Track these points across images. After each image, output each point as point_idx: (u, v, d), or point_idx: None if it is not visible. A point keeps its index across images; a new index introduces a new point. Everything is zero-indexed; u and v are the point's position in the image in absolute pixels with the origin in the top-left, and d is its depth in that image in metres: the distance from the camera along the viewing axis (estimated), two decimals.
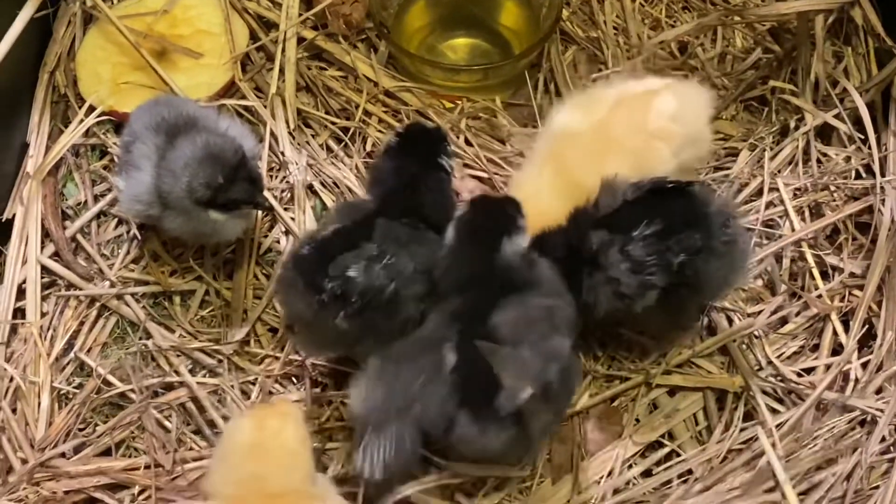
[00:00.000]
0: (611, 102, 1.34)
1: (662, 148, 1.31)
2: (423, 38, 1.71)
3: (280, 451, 1.12)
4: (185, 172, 1.27)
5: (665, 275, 1.21)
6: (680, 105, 1.33)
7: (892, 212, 1.45)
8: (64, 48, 1.63)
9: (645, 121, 1.31)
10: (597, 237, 1.22)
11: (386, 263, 1.19)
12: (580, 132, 1.33)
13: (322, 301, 1.18)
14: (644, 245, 1.20)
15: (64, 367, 1.40)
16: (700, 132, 1.36)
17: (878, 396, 1.35)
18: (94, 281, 1.45)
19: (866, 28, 1.63)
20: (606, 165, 1.28)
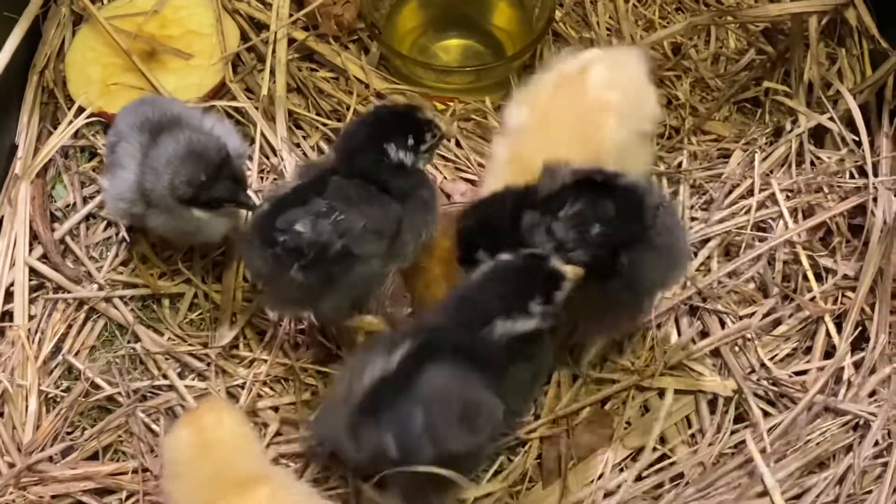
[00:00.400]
0: (550, 86, 1.33)
1: (605, 117, 1.29)
2: (414, 40, 1.70)
3: (226, 441, 1.12)
4: (167, 170, 1.27)
5: (587, 250, 1.18)
6: (612, 71, 1.32)
7: (885, 213, 1.45)
8: (53, 49, 1.62)
9: (582, 96, 1.30)
10: (528, 218, 1.20)
11: (335, 219, 1.20)
12: (528, 126, 1.32)
13: (275, 254, 1.21)
14: (567, 223, 1.19)
15: (52, 370, 1.39)
16: (640, 94, 1.34)
17: (872, 399, 1.34)
18: (82, 283, 1.44)
19: (860, 29, 1.62)
20: (559, 151, 1.26)
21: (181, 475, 1.12)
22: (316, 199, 1.21)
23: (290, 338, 1.39)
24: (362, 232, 1.21)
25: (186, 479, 1.12)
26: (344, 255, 1.20)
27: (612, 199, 1.19)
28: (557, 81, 1.33)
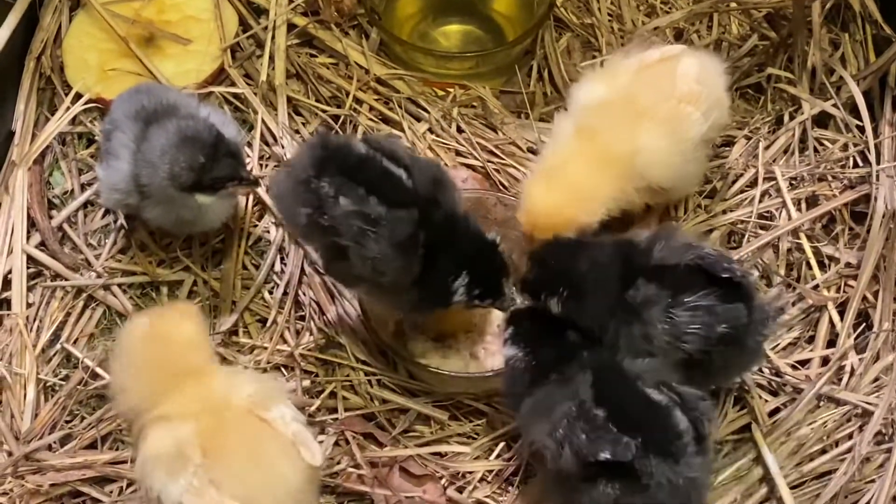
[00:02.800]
0: (632, 71, 1.35)
1: (693, 111, 1.31)
2: (414, 25, 1.69)
3: (179, 337, 1.12)
4: (163, 161, 1.26)
5: (701, 346, 1.16)
6: (701, 68, 1.33)
7: (887, 201, 1.44)
8: (50, 35, 1.61)
9: (672, 86, 1.31)
10: (644, 290, 1.16)
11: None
12: (608, 102, 1.33)
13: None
14: (692, 314, 1.15)
15: (50, 358, 1.38)
16: (721, 95, 1.36)
17: (874, 385, 1.34)
18: (80, 271, 1.43)
19: (864, 15, 1.61)
20: (641, 134, 1.29)
21: (126, 352, 1.13)
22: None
23: (289, 325, 1.39)
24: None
25: (128, 359, 1.12)
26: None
27: (742, 299, 1.17)
28: (641, 67, 1.35)
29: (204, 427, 1.08)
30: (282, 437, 1.08)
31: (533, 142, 1.53)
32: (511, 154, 1.52)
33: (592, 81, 1.37)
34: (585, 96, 1.36)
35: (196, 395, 1.10)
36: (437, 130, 1.55)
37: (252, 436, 1.08)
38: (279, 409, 1.10)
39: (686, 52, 1.36)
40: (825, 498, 1.26)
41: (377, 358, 1.36)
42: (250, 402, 1.10)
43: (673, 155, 1.31)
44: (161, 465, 1.06)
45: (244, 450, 1.07)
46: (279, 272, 1.44)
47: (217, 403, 1.10)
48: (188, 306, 1.19)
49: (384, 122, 1.57)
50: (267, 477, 1.07)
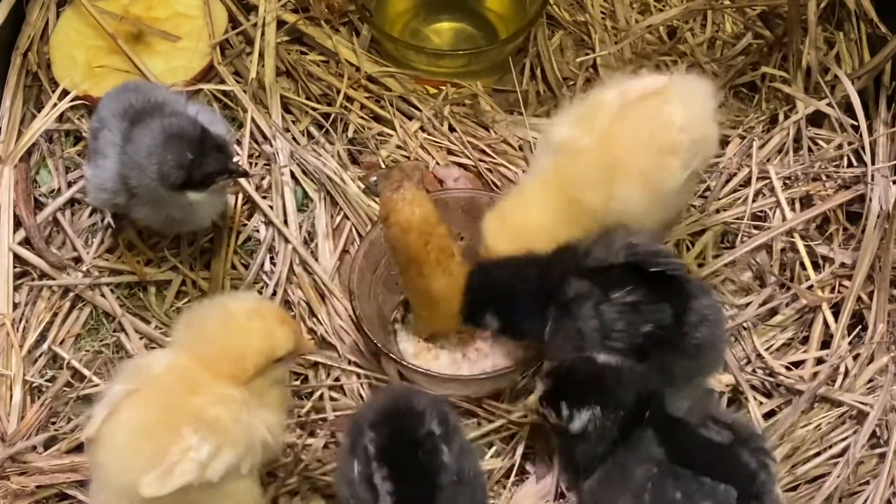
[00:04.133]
0: (611, 112, 1.25)
1: (673, 162, 1.22)
2: (406, 22, 1.68)
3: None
4: (151, 161, 1.25)
5: (627, 344, 1.15)
6: (686, 110, 1.23)
7: (881, 201, 1.43)
8: (37, 31, 1.59)
9: (652, 135, 1.23)
10: (576, 286, 1.16)
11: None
12: (583, 150, 1.25)
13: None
14: (619, 311, 1.15)
15: (36, 359, 1.37)
16: (707, 134, 1.27)
17: (869, 387, 1.33)
18: (67, 270, 1.41)
19: (859, 13, 1.61)
20: (616, 187, 1.22)
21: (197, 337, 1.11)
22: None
23: None
24: None
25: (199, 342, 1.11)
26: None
27: (668, 300, 1.15)
28: (621, 107, 1.25)
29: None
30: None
31: (525, 140, 1.52)
32: (503, 153, 1.51)
33: (570, 122, 1.28)
34: (562, 137, 1.27)
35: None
36: (429, 129, 1.54)
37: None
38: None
39: (671, 89, 1.25)
40: (819, 500, 1.26)
41: (368, 359, 1.35)
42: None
43: (650, 205, 1.23)
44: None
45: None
46: (269, 272, 1.43)
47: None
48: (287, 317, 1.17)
49: (375, 120, 1.56)
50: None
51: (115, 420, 1.06)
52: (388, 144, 1.53)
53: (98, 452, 1.06)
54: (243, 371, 1.09)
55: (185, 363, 1.09)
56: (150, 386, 1.08)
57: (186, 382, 1.08)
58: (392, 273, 1.37)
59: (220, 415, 1.06)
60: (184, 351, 1.11)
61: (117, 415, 1.06)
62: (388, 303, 1.40)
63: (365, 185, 1.48)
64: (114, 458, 1.06)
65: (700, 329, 1.16)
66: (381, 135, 1.54)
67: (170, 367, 1.09)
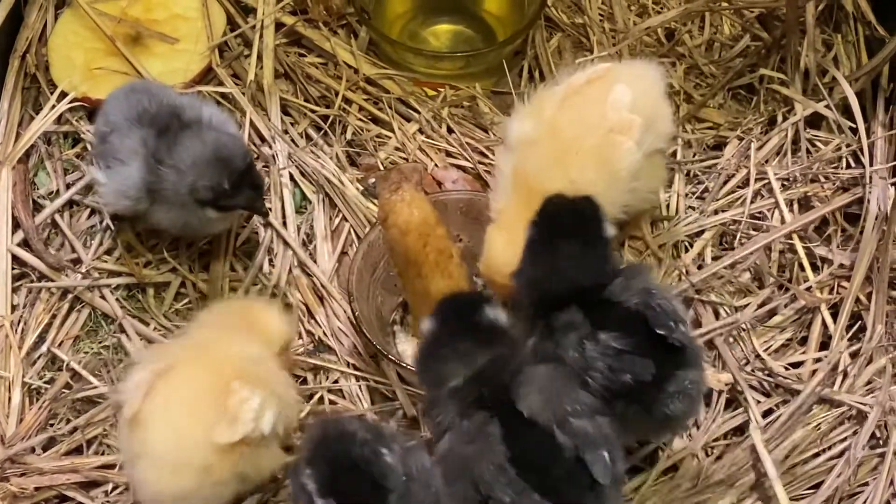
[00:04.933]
0: (557, 100, 1.28)
1: (625, 141, 1.24)
2: (404, 25, 1.68)
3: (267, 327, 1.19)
4: (191, 171, 1.26)
5: (602, 386, 1.11)
6: (633, 90, 1.26)
7: (879, 202, 1.43)
8: (35, 33, 1.59)
9: (600, 114, 1.25)
10: (566, 316, 1.13)
11: None
12: (534, 139, 1.27)
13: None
14: (603, 352, 1.11)
15: (35, 361, 1.37)
16: (658, 112, 1.29)
17: (868, 388, 1.33)
18: (65, 272, 1.41)
19: (856, 15, 1.61)
20: (570, 170, 1.23)
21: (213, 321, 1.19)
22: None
23: None
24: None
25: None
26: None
27: (655, 355, 1.10)
28: (566, 94, 1.28)
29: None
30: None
31: None
32: None
33: (520, 117, 1.30)
34: (515, 133, 1.29)
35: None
36: (428, 131, 1.54)
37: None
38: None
39: (614, 70, 1.28)
40: (819, 500, 1.25)
41: (367, 361, 1.35)
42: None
43: (608, 186, 1.24)
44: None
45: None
46: (267, 273, 1.42)
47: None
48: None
49: (374, 122, 1.56)
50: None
51: (154, 398, 1.10)
52: (386, 146, 1.53)
53: (144, 434, 1.09)
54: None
55: (213, 336, 1.17)
56: (184, 362, 1.12)
57: (221, 349, 1.13)
58: (391, 275, 1.37)
59: (260, 371, 1.13)
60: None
61: (154, 393, 1.10)
62: (387, 304, 1.40)
63: (364, 187, 1.48)
64: (164, 435, 1.09)
65: (675, 402, 1.12)
66: (379, 137, 1.55)
67: (198, 343, 1.15)
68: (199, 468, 1.09)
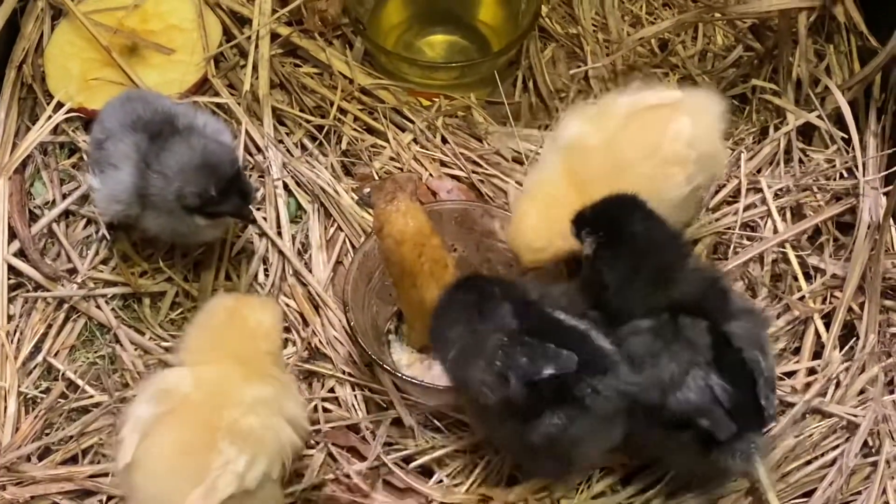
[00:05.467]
0: (623, 116, 1.28)
1: (677, 174, 1.25)
2: (399, 35, 1.69)
3: (256, 327, 1.15)
4: (178, 177, 1.26)
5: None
6: (695, 126, 1.26)
7: (871, 212, 1.44)
8: (32, 43, 1.60)
9: (659, 144, 1.25)
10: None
11: None
12: (592, 148, 1.27)
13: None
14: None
15: (31, 370, 1.37)
16: (714, 152, 1.30)
17: (860, 397, 1.33)
18: (61, 282, 1.41)
19: (849, 26, 1.61)
20: (620, 187, 1.23)
21: (203, 328, 1.17)
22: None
23: None
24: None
25: (203, 335, 1.16)
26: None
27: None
28: (633, 113, 1.28)
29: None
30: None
31: (518, 152, 1.53)
32: (496, 164, 1.52)
33: (582, 120, 1.30)
34: (572, 135, 1.30)
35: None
36: (422, 141, 1.55)
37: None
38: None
39: (683, 103, 1.28)
40: None
41: (362, 370, 1.35)
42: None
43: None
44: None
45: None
46: (262, 282, 1.43)
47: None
48: (271, 302, 1.24)
49: (369, 132, 1.57)
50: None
51: (150, 442, 1.08)
52: (381, 156, 1.54)
53: (136, 476, 1.08)
54: (277, 347, 1.17)
55: (212, 374, 1.12)
56: (182, 406, 1.10)
57: (217, 396, 1.10)
58: (386, 284, 1.37)
59: (253, 424, 1.09)
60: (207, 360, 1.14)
61: (151, 437, 1.08)
62: (382, 314, 1.40)
63: (358, 197, 1.49)
64: (154, 482, 1.08)
65: (736, 459, 1.17)
66: (374, 146, 1.55)
67: (198, 382, 1.12)
68: None
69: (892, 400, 1.33)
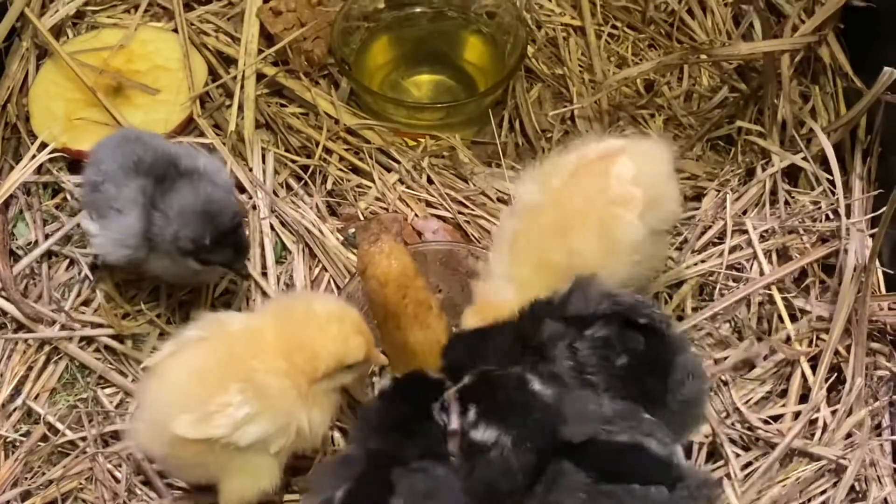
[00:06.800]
0: (567, 171, 1.28)
1: (626, 214, 1.24)
2: (386, 75, 1.69)
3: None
4: (177, 220, 1.27)
5: (607, 379, 1.13)
6: (639, 166, 1.26)
7: (857, 254, 1.43)
8: (16, 83, 1.60)
9: (604, 188, 1.25)
10: (551, 327, 1.15)
11: None
12: (539, 206, 1.28)
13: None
14: (593, 346, 1.13)
15: (10, 413, 1.35)
16: (664, 191, 1.29)
17: (847, 441, 1.32)
18: (43, 323, 1.40)
19: (834, 67, 1.62)
20: (572, 240, 1.24)
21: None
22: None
23: None
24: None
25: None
26: None
27: (644, 334, 1.14)
28: (576, 165, 1.28)
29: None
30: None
31: (504, 192, 1.53)
32: (482, 205, 1.52)
33: (529, 181, 1.31)
34: (522, 197, 1.30)
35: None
36: (408, 181, 1.55)
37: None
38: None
39: (625, 148, 1.28)
40: None
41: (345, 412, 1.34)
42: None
43: (608, 258, 1.24)
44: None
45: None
46: None
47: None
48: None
49: (354, 172, 1.57)
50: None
51: (177, 357, 1.14)
52: (366, 196, 1.54)
53: (151, 382, 1.14)
54: (314, 370, 1.15)
55: (263, 332, 1.16)
56: (218, 338, 1.15)
57: (253, 345, 1.14)
58: (370, 325, 1.36)
59: (271, 384, 1.12)
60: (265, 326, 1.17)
61: (177, 356, 1.14)
62: None
63: (343, 237, 1.48)
64: (163, 391, 1.13)
65: (685, 386, 1.15)
66: (359, 187, 1.55)
67: (246, 329, 1.16)
68: (166, 440, 1.12)
69: (879, 444, 1.32)
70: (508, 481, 1.07)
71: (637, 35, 1.75)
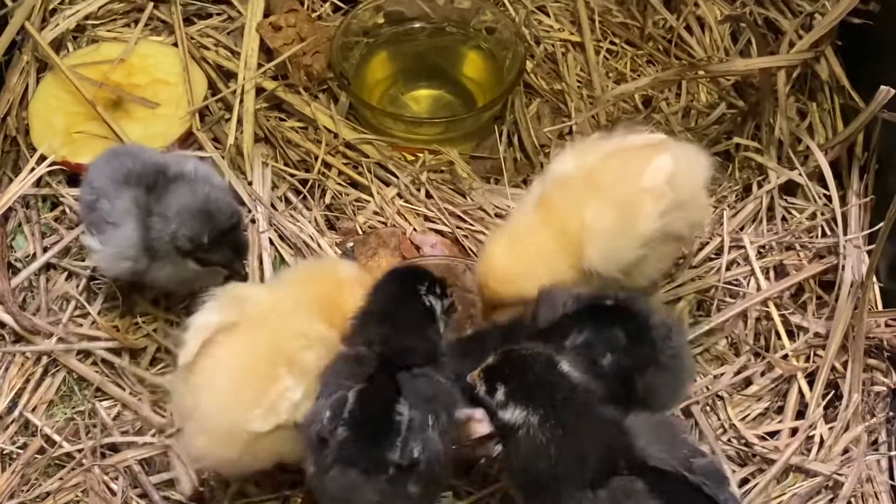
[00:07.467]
0: (606, 151, 1.29)
1: (650, 205, 1.23)
2: (385, 90, 1.70)
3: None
4: (175, 219, 1.28)
5: (599, 381, 1.13)
6: (677, 167, 1.25)
7: (854, 270, 1.44)
8: (16, 96, 1.60)
9: (639, 174, 1.25)
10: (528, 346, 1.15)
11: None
12: (570, 176, 1.28)
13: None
14: (575, 354, 1.14)
15: (7, 425, 1.35)
16: (693, 198, 1.29)
17: (844, 457, 1.32)
18: (41, 336, 1.40)
19: (831, 83, 1.63)
20: (589, 211, 1.24)
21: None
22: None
23: None
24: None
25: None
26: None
27: (619, 324, 1.16)
28: (616, 148, 1.28)
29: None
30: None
31: (502, 207, 1.53)
32: (480, 219, 1.52)
33: (567, 154, 1.32)
34: (555, 167, 1.31)
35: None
36: (406, 195, 1.55)
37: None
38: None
39: (667, 144, 1.29)
40: None
41: None
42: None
43: (617, 240, 1.24)
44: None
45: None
46: None
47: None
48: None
49: (353, 186, 1.57)
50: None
51: (213, 359, 1.13)
52: (365, 210, 1.54)
53: (200, 394, 1.13)
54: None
55: (294, 305, 1.18)
56: (250, 324, 1.15)
57: (285, 322, 1.16)
58: None
59: (310, 359, 1.14)
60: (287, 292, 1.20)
61: (216, 355, 1.13)
62: None
63: (342, 252, 1.49)
64: (218, 399, 1.13)
65: (669, 340, 1.18)
66: (358, 201, 1.55)
67: (272, 305, 1.17)
68: (239, 441, 1.13)
69: (875, 460, 1.33)
70: (543, 460, 1.08)
71: (635, 51, 1.76)
